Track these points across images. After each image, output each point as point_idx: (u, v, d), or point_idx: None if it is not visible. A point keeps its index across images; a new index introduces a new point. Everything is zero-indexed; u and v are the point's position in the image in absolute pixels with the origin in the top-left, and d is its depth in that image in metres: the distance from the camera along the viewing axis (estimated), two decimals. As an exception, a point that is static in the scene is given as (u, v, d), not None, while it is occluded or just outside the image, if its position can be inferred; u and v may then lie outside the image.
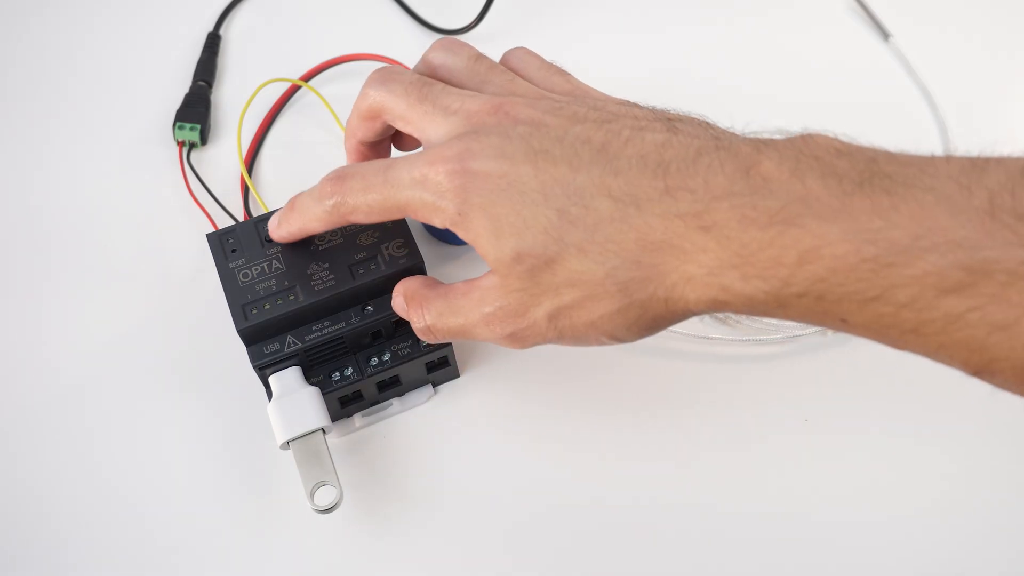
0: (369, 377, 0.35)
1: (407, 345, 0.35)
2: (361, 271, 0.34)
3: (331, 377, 0.35)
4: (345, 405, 0.36)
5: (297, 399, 0.33)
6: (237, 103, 0.47)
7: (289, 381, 0.34)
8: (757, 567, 0.34)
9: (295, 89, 0.47)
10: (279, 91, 0.46)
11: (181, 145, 0.45)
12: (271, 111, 0.46)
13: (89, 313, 0.40)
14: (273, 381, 0.34)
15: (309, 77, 0.46)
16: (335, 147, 0.37)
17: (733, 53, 0.50)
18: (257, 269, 0.34)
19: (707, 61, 0.49)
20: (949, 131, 0.46)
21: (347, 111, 0.35)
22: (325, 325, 0.34)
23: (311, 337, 0.34)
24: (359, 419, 0.37)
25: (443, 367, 0.37)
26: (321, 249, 0.34)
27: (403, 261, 0.34)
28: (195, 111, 0.45)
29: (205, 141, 0.45)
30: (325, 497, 0.32)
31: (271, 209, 0.38)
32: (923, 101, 0.48)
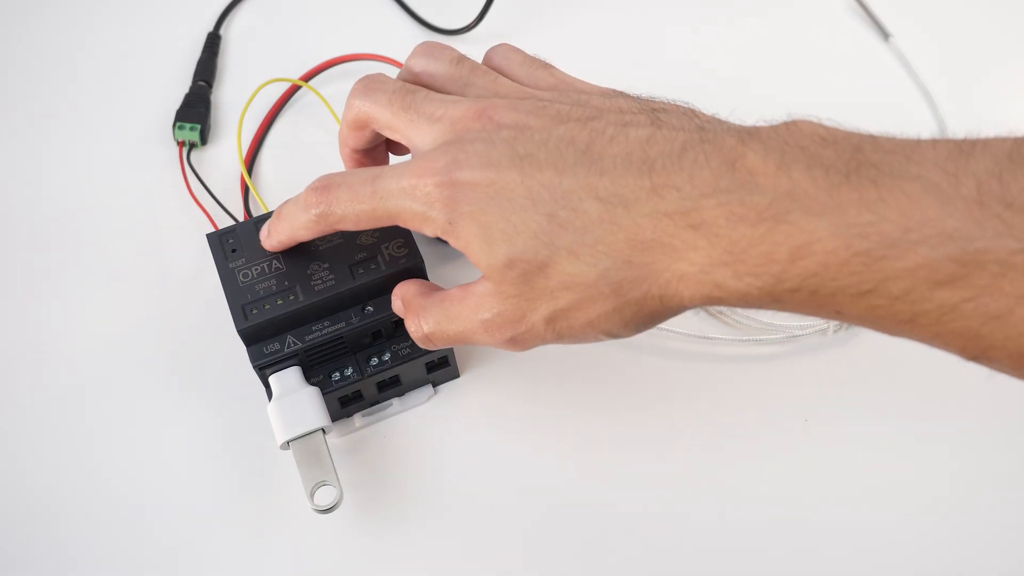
0: (369, 377, 0.35)
1: (407, 345, 0.35)
2: (361, 271, 0.34)
3: (331, 377, 0.35)
4: (345, 405, 0.36)
5: (297, 399, 0.33)
6: (237, 103, 0.47)
7: (289, 381, 0.34)
8: (757, 566, 0.34)
9: (295, 89, 0.47)
10: (279, 91, 0.46)
11: (181, 145, 0.45)
12: (271, 111, 0.46)
13: (89, 313, 0.40)
14: (273, 381, 0.34)
15: (309, 77, 0.46)
16: (335, 147, 0.37)
17: (733, 53, 0.50)
18: (257, 269, 0.34)
19: (707, 61, 0.49)
20: (949, 131, 0.46)
21: (347, 111, 0.35)
22: (325, 325, 0.34)
23: (311, 337, 0.34)
24: (359, 419, 0.37)
25: (443, 367, 0.37)
26: (321, 249, 0.34)
27: (403, 261, 0.34)
28: (195, 111, 0.45)
29: (205, 141, 0.45)
30: (325, 497, 0.32)
31: (271, 209, 0.38)
32: (923, 101, 0.48)
